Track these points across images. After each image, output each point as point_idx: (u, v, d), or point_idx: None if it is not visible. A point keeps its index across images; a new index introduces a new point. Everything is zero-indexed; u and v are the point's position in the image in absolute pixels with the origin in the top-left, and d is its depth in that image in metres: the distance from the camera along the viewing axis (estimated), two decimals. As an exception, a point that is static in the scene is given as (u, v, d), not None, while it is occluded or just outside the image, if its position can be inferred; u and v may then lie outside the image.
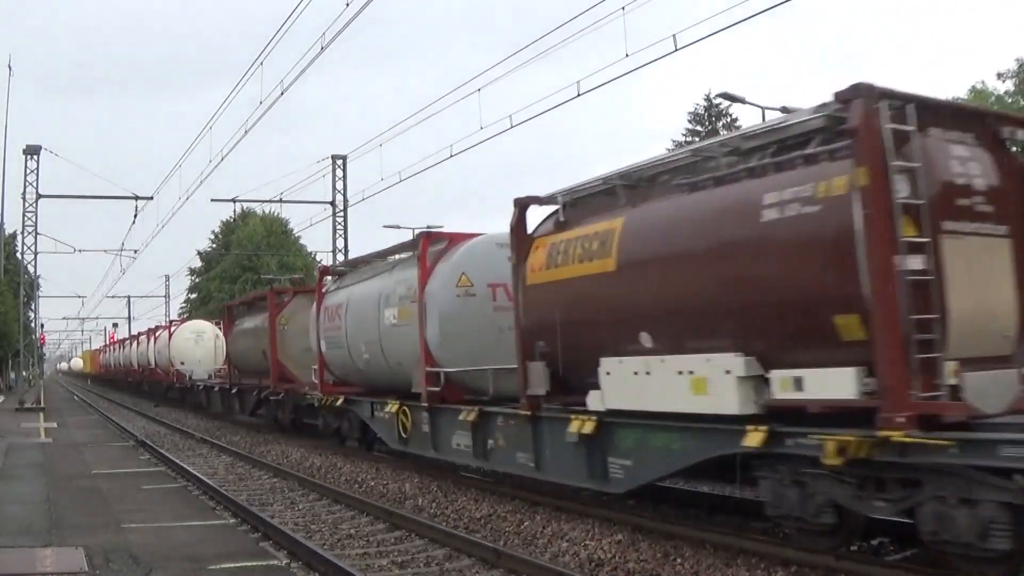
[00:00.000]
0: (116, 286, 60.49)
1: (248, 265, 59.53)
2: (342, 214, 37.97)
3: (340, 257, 38.17)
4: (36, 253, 38.49)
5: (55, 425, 28.08)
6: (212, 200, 39.35)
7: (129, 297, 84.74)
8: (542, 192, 11.69)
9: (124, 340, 62.43)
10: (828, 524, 8.09)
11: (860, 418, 7.40)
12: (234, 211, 63.57)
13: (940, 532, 7.14)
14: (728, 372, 8.40)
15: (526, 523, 10.94)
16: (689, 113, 57.10)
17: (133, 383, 54.38)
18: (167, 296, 78.31)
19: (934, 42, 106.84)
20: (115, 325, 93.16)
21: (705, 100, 55.84)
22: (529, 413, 11.45)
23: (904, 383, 7.11)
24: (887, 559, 8.28)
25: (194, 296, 69.94)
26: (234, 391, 29.17)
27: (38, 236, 37.32)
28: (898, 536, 8.70)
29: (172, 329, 41.76)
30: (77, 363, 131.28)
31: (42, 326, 72.60)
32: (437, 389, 13.88)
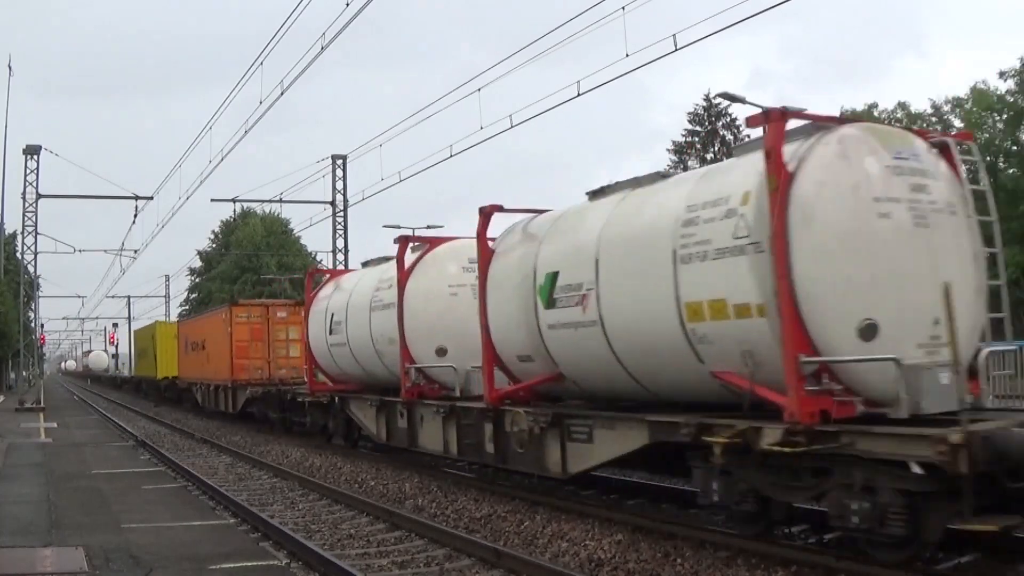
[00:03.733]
0: (116, 286, 60.32)
1: (248, 265, 59.50)
2: (342, 214, 37.97)
3: (340, 257, 38.17)
4: (36, 253, 38.59)
5: (55, 425, 28.09)
6: (212, 200, 39.26)
7: (129, 297, 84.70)
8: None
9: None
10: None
11: None
12: (234, 211, 63.55)
13: None
14: None
15: (526, 523, 10.94)
16: (689, 113, 57.09)
17: None
18: (167, 296, 78.35)
19: (934, 41, 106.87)
20: (115, 325, 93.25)
21: (705, 100, 55.85)
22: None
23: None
24: (887, 559, 8.26)
25: (194, 296, 69.89)
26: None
27: (38, 236, 37.41)
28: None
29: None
30: (100, 359, 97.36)
31: (42, 326, 72.72)
32: None
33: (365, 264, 19.13)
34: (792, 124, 8.52)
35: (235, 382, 27.17)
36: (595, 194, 11.42)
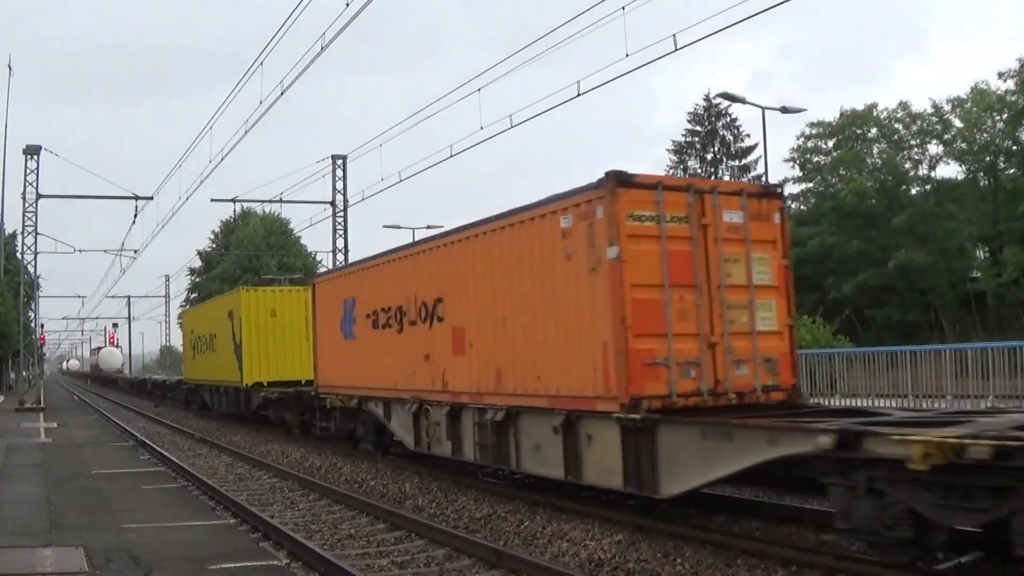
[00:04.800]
0: (116, 286, 60.42)
1: (248, 266, 59.49)
2: (342, 214, 38.00)
3: (340, 257, 38.16)
4: (36, 253, 38.60)
5: (55, 425, 28.09)
6: (212, 200, 39.48)
7: (129, 297, 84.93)
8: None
9: None
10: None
11: None
12: (234, 211, 63.57)
13: None
14: None
15: (526, 523, 10.94)
16: (689, 113, 57.09)
17: None
18: (167, 296, 78.49)
19: (935, 42, 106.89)
20: (115, 325, 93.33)
21: (704, 100, 55.84)
22: None
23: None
24: (887, 559, 8.26)
25: (194, 296, 69.86)
26: None
27: (38, 236, 37.42)
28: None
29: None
30: (113, 357, 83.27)
31: (42, 326, 72.72)
32: None
33: None
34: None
35: (640, 399, 9.94)
36: None
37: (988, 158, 45.51)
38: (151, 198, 35.82)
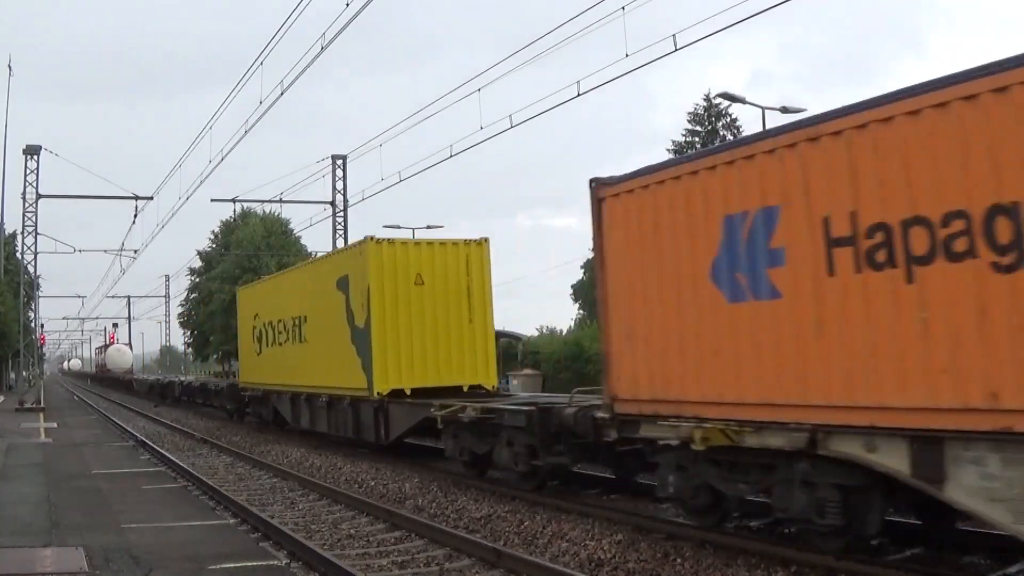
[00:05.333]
0: (116, 286, 60.44)
1: (248, 266, 59.47)
2: (342, 214, 37.99)
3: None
4: (36, 253, 38.57)
5: (55, 425, 28.09)
6: (212, 200, 39.43)
7: (129, 297, 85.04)
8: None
9: None
10: None
11: None
12: (234, 211, 63.50)
13: None
14: None
15: (526, 523, 10.94)
16: (689, 113, 57.04)
17: None
18: (167, 296, 78.50)
19: (934, 41, 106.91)
20: (115, 325, 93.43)
21: (705, 100, 55.84)
22: None
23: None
24: (887, 559, 8.27)
25: (194, 296, 69.91)
26: None
27: (38, 236, 37.40)
28: (898, 537, 8.69)
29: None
30: (122, 356, 77.69)
31: (42, 326, 72.74)
32: None
33: None
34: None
35: None
36: None
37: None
38: (151, 198, 35.79)
